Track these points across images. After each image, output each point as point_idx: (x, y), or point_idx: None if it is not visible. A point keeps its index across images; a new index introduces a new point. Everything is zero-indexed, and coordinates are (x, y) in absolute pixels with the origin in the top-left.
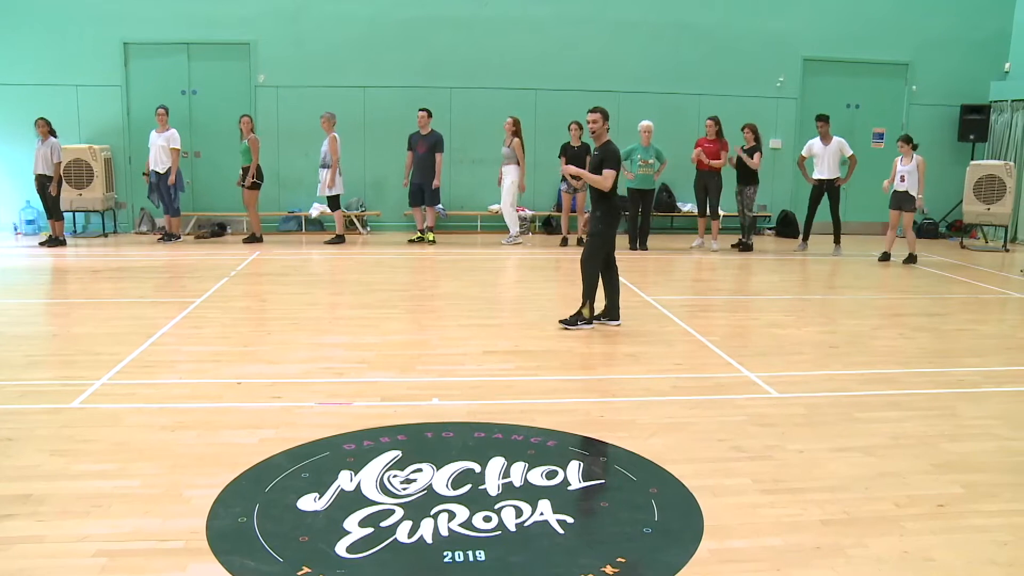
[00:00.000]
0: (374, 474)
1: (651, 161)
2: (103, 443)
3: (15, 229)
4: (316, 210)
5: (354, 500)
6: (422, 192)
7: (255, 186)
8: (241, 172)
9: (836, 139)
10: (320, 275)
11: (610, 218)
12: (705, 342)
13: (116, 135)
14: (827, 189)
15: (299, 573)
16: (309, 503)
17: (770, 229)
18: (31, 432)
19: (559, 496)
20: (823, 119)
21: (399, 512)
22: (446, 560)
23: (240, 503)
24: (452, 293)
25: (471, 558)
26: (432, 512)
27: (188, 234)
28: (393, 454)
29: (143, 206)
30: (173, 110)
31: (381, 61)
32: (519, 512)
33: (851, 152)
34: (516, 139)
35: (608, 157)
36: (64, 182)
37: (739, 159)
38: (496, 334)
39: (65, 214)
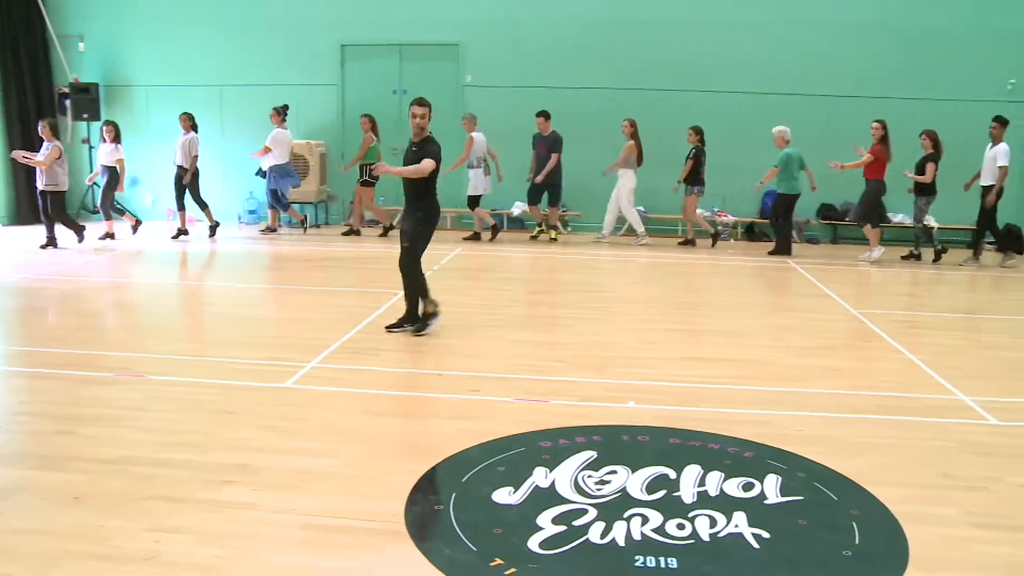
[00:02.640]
0: (569, 473)
1: (782, 167)
2: (311, 423)
3: (239, 219)
4: (518, 208)
5: (548, 497)
6: (540, 191)
7: (368, 183)
8: (361, 169)
9: (1001, 145)
10: (520, 273)
11: (431, 220)
12: (915, 360)
13: (331, 132)
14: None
15: (491, 564)
16: (504, 496)
17: (990, 244)
18: (249, 407)
19: (755, 509)
20: (1000, 121)
21: (592, 512)
22: (637, 564)
23: (437, 491)
24: (652, 296)
25: (662, 564)
26: (625, 515)
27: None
28: (588, 454)
29: (353, 200)
30: (384, 109)
31: (585, 63)
32: (713, 522)
33: (1004, 163)
34: (631, 141)
35: (428, 152)
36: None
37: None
38: (694, 340)
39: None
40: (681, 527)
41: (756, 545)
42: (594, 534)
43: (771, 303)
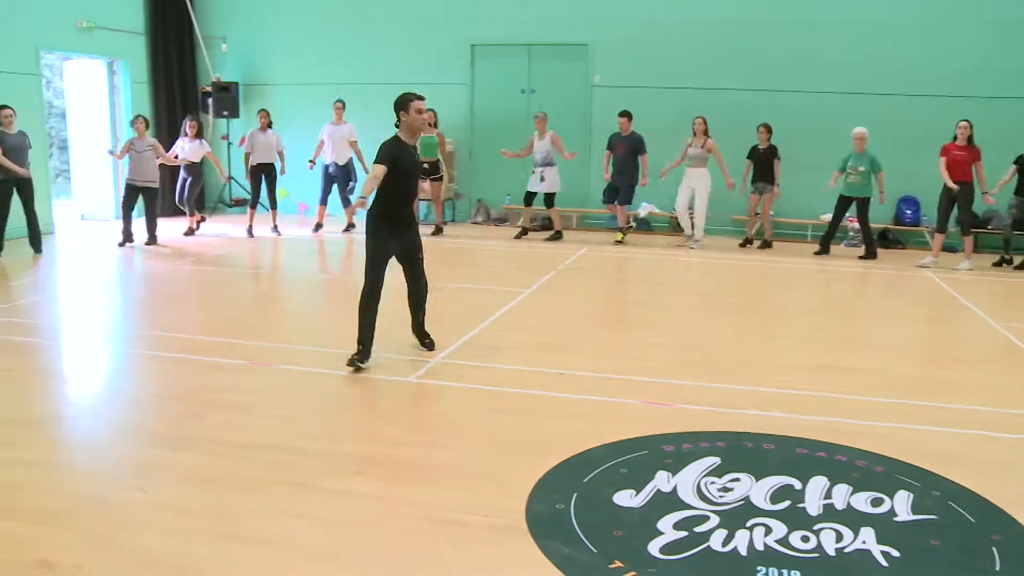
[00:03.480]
0: (691, 478)
1: (861, 169)
2: (435, 417)
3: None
4: (645, 209)
5: (670, 501)
6: (615, 191)
7: (440, 179)
8: (427, 166)
9: None
10: (644, 275)
11: (369, 232)
12: None
13: (460, 130)
14: None
15: (611, 566)
16: (625, 499)
17: None
18: (376, 400)
19: (884, 526)
20: None
21: (714, 519)
22: (759, 575)
23: (559, 490)
24: (777, 302)
25: None
26: (748, 524)
27: (519, 226)
28: (711, 460)
29: (480, 197)
30: (512, 108)
31: (716, 64)
32: (839, 536)
33: None
34: (710, 139)
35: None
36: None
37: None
38: (822, 347)
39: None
40: (806, 540)
41: (884, 563)
42: (715, 542)
43: (903, 311)
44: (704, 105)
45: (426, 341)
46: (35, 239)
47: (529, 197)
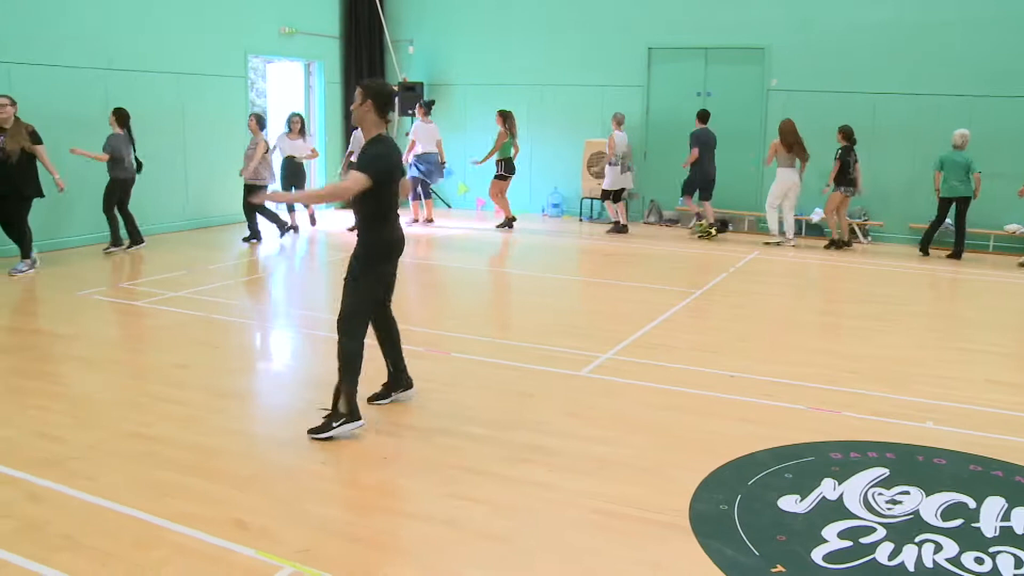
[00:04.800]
0: (858, 488)
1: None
2: (604, 412)
3: (542, 211)
4: (817, 215)
5: (835, 510)
6: (695, 186)
7: (503, 177)
8: (496, 164)
9: None
10: (816, 280)
11: (369, 260)
12: None
13: (635, 132)
14: None
15: (773, 570)
16: (790, 504)
17: None
18: (547, 392)
19: None
20: None
21: (881, 531)
22: None
23: (723, 491)
24: (954, 313)
25: None
26: (917, 539)
27: (690, 228)
28: (880, 471)
29: (653, 198)
30: (688, 111)
31: (893, 67)
32: (1019, 562)
33: None
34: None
35: (366, 158)
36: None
37: None
38: (1002, 363)
39: (584, 201)
40: (980, 561)
41: None
42: (882, 554)
43: None
44: (882, 109)
45: (407, 376)
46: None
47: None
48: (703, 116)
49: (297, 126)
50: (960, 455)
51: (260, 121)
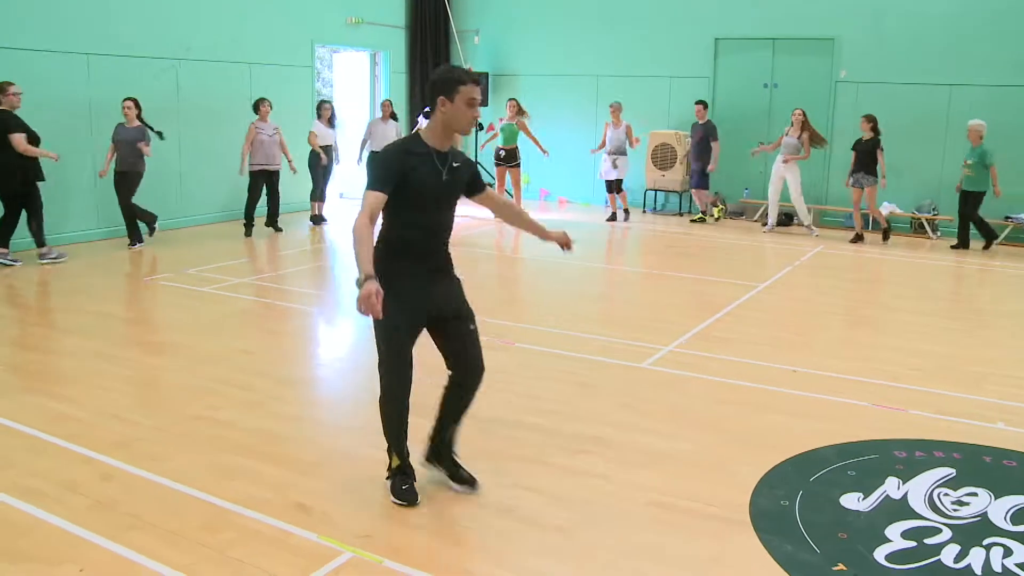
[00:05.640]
0: (923, 487)
1: (971, 162)
2: (663, 405)
3: (605, 203)
4: (886, 209)
5: (899, 509)
6: (695, 176)
7: (517, 165)
8: (504, 153)
9: None
10: (881, 275)
11: (392, 286)
12: None
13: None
14: None
15: (835, 568)
16: (852, 502)
17: None
18: (607, 383)
19: None
20: None
21: (947, 533)
22: None
23: (784, 487)
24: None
25: None
26: (984, 542)
27: (756, 220)
28: (946, 471)
29: (717, 190)
30: (754, 102)
31: (968, 57)
32: None
33: None
34: (805, 133)
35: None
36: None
37: None
38: None
39: (648, 193)
40: None
41: None
42: (947, 556)
43: None
44: (949, 101)
45: (461, 473)
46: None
47: (609, 184)
48: (706, 104)
49: (327, 113)
50: None
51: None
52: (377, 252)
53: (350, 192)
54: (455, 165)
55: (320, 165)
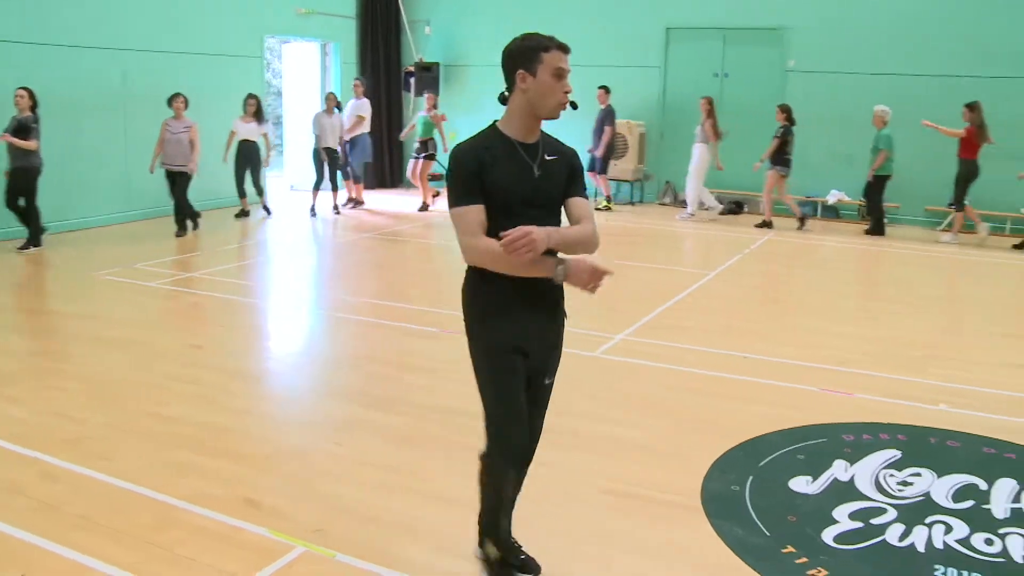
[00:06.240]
0: (870, 469)
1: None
2: (617, 393)
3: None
4: (833, 196)
5: (846, 491)
6: (594, 161)
7: (432, 156)
8: (419, 144)
9: None
10: (829, 262)
11: (488, 319)
12: None
13: (652, 113)
14: None
15: (783, 551)
16: (801, 485)
17: None
18: (562, 373)
19: None
20: None
21: (892, 513)
22: (936, 574)
23: (735, 472)
24: (971, 296)
25: None
26: (927, 520)
27: (706, 209)
28: (892, 453)
29: (668, 179)
30: (705, 92)
31: (914, 49)
32: None
33: None
34: (709, 120)
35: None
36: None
37: None
38: (1017, 346)
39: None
40: (989, 543)
41: None
42: (892, 535)
43: None
44: (899, 91)
45: (529, 562)
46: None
47: None
48: (607, 89)
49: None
50: (974, 437)
51: (186, 101)
52: (472, 279)
53: (301, 184)
54: (549, 158)
55: (246, 160)
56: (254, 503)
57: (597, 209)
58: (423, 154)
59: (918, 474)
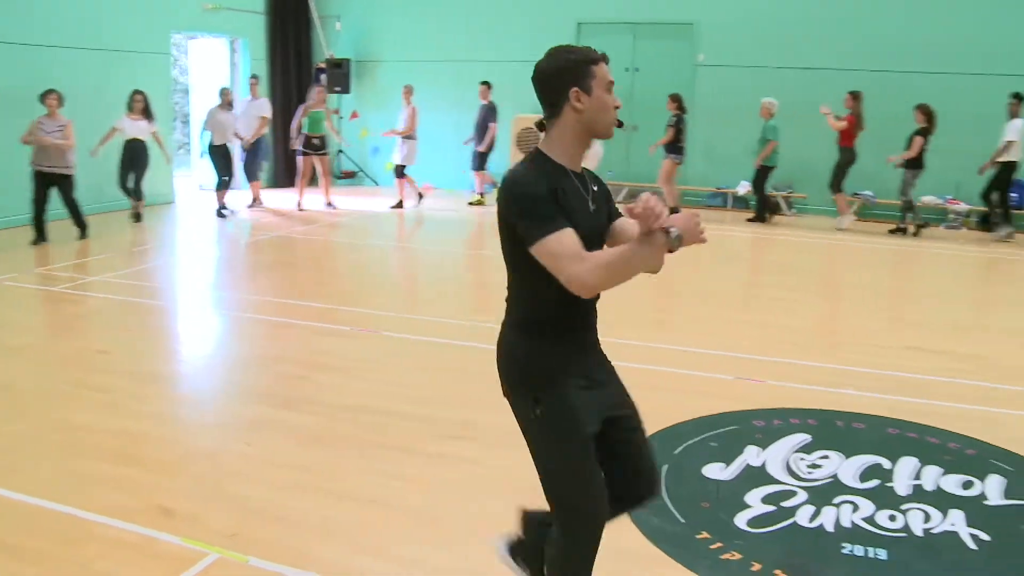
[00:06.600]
0: (781, 453)
1: (759, 138)
2: None
3: (472, 188)
4: (743, 188)
5: (758, 476)
6: (484, 157)
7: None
8: (316, 142)
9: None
10: (737, 253)
11: (556, 379)
12: None
13: None
14: None
15: (698, 536)
16: (715, 471)
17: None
18: (477, 367)
19: (974, 509)
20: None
21: (802, 495)
22: (844, 551)
23: None
24: (874, 283)
25: (871, 555)
26: (835, 501)
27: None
28: (801, 437)
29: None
30: (616, 87)
31: (822, 42)
32: (927, 517)
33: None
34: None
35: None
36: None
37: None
38: (918, 331)
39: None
40: (893, 519)
41: (974, 546)
42: (802, 517)
43: (1004, 296)
44: (808, 85)
45: None
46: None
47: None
48: (489, 85)
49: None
50: (878, 419)
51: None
52: (520, 338)
53: (209, 183)
54: (595, 189)
55: (134, 160)
56: (167, 511)
57: (469, 204)
58: (320, 151)
59: (826, 457)
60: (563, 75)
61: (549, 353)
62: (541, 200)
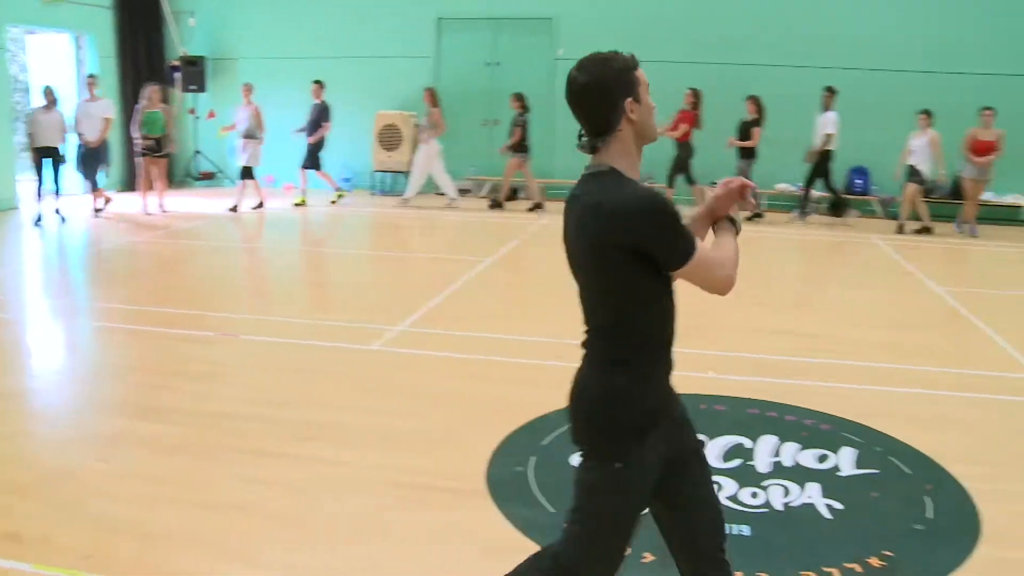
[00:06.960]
0: None
1: None
2: (397, 384)
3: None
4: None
5: None
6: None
7: (167, 156)
8: (153, 143)
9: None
10: None
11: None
12: (996, 339)
13: (423, 104)
14: None
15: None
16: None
17: None
18: (338, 368)
19: (829, 481)
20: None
21: None
22: None
23: (518, 454)
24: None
25: (735, 531)
26: None
27: (484, 197)
28: None
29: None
30: (477, 81)
31: (675, 36)
32: (787, 492)
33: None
34: (435, 109)
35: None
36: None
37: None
38: (772, 313)
39: (376, 174)
40: (755, 495)
41: (828, 516)
42: None
43: (844, 277)
44: (669, 79)
45: None
46: None
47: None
48: (321, 84)
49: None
50: (739, 400)
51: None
52: (620, 376)
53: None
54: None
55: None
56: (16, 536)
57: (332, 203)
58: (158, 153)
59: None
60: (616, 87)
61: (652, 392)
62: (680, 214)
